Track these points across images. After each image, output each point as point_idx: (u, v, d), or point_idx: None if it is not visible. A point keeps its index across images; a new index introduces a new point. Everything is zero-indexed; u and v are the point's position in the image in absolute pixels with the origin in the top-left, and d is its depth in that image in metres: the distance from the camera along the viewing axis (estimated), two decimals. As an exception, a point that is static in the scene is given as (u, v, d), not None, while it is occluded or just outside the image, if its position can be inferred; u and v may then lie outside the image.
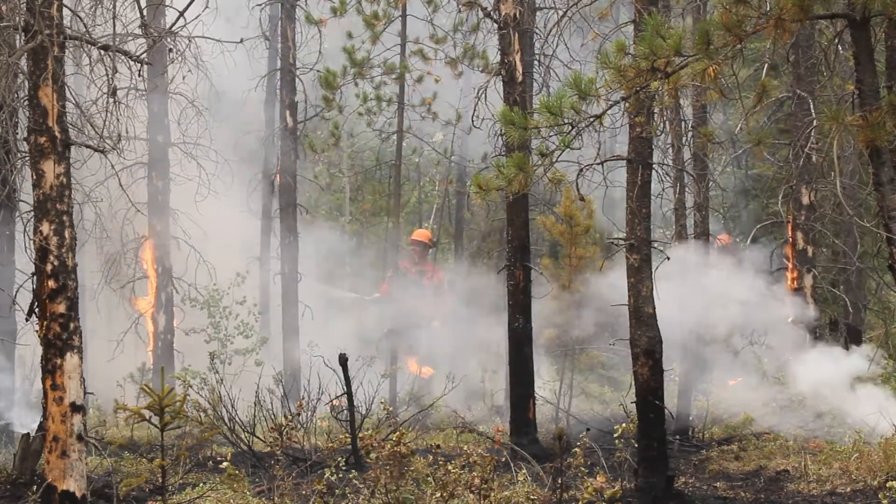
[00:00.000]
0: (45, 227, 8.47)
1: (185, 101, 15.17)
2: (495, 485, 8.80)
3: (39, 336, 8.55)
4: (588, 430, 10.43)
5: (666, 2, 13.07)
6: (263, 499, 9.60)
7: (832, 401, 13.53)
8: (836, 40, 10.69)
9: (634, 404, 10.63)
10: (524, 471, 10.38)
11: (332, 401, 12.70)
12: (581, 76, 8.63)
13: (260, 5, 17.44)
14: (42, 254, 8.47)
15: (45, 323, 8.47)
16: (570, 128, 8.72)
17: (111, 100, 8.78)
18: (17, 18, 8.53)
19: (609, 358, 19.30)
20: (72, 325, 8.49)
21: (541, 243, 20.15)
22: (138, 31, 9.50)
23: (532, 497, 9.13)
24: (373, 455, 8.58)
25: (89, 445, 9.08)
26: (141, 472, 10.58)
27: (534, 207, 15.70)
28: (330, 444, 10.45)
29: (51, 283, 8.45)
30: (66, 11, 8.62)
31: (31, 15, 8.30)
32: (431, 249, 19.84)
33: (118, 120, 8.77)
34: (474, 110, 13.36)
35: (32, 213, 8.61)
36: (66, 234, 8.50)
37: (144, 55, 9.03)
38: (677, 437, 13.16)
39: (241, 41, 17.91)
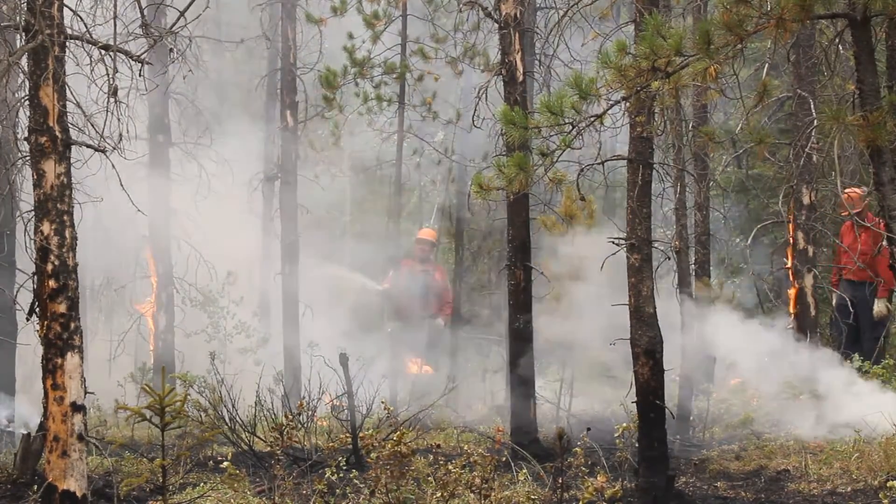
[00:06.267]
0: (46, 227, 8.46)
1: (185, 101, 15.18)
2: (496, 484, 8.80)
3: (40, 336, 8.54)
4: (588, 429, 10.41)
5: (667, 1, 13.07)
6: (264, 498, 9.61)
7: (833, 401, 13.52)
8: (837, 40, 10.67)
9: (635, 404, 10.62)
10: (525, 470, 10.38)
11: (332, 401, 12.70)
12: (582, 76, 8.63)
13: (260, 5, 17.43)
14: (43, 253, 8.47)
15: (45, 323, 8.46)
16: (570, 127, 8.72)
17: (112, 100, 8.76)
18: (18, 18, 8.53)
19: (609, 358, 19.29)
20: (72, 325, 8.48)
21: (542, 243, 20.14)
22: (139, 31, 9.49)
23: (533, 496, 9.13)
24: (373, 455, 8.59)
25: (90, 445, 9.07)
26: (141, 472, 10.58)
27: (534, 207, 15.69)
28: (330, 444, 10.45)
29: (51, 283, 8.45)
30: (66, 11, 8.61)
31: (32, 15, 8.29)
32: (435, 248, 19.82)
33: (119, 120, 8.76)
34: (475, 110, 13.33)
35: (33, 213, 8.60)
36: (67, 233, 8.49)
37: (145, 55, 9.02)
38: (677, 436, 13.15)
39: (242, 41, 17.96)
